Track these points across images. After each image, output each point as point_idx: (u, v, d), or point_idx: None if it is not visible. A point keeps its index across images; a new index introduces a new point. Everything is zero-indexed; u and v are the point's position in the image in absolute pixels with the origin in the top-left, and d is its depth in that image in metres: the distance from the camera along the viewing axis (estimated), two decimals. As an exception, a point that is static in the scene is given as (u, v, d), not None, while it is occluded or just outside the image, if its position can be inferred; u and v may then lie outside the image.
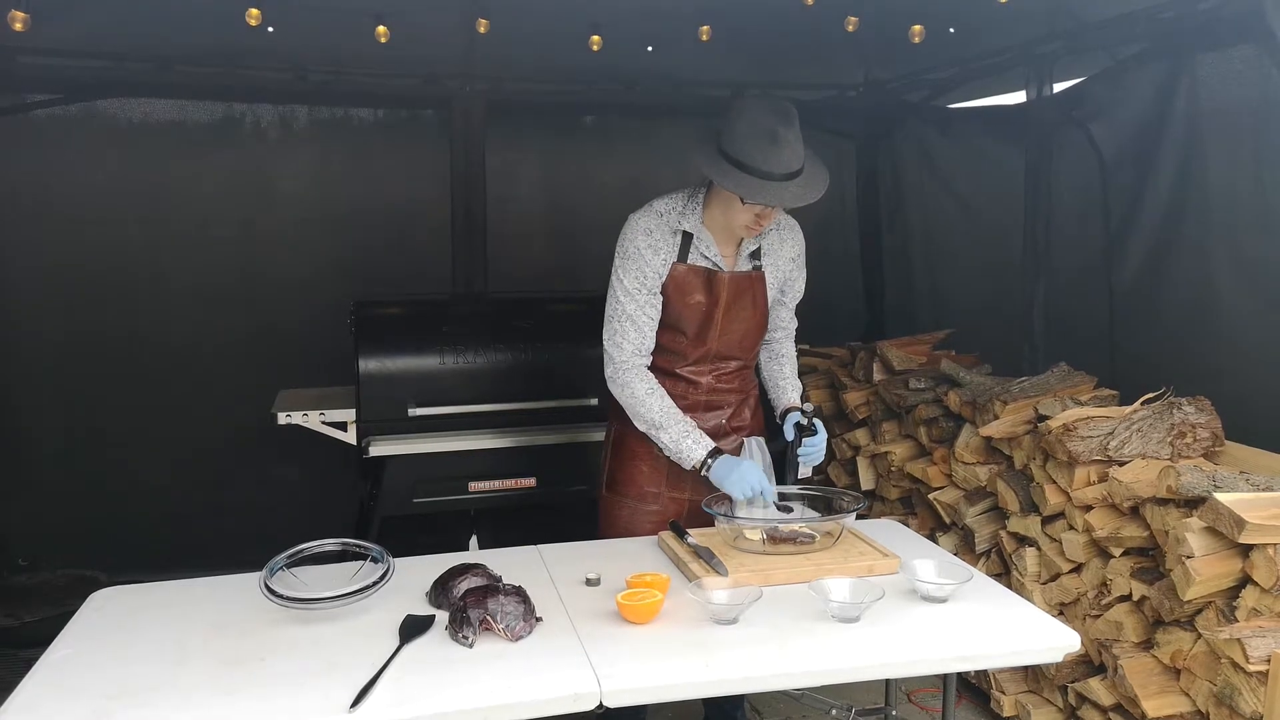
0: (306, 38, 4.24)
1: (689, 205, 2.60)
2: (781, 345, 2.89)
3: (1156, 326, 3.68)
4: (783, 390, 2.83)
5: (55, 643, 2.01)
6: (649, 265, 2.57)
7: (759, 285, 2.67)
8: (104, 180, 4.60)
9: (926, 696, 3.59)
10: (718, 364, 2.71)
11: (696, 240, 2.59)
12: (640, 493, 2.71)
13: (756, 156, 2.37)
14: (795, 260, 2.75)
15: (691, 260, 2.60)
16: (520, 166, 5.08)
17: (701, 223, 2.59)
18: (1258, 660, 2.42)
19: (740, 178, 2.38)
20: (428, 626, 2.03)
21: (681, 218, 2.59)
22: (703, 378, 2.69)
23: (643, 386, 2.58)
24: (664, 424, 2.56)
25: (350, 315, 3.80)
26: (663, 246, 2.58)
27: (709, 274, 2.61)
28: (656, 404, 2.57)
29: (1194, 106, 3.44)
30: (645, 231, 2.58)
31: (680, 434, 2.55)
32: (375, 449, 3.65)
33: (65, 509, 4.67)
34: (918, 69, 4.91)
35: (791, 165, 2.40)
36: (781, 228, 2.71)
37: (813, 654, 1.94)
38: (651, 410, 2.56)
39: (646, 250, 2.56)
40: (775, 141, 2.37)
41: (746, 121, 2.40)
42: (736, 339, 2.69)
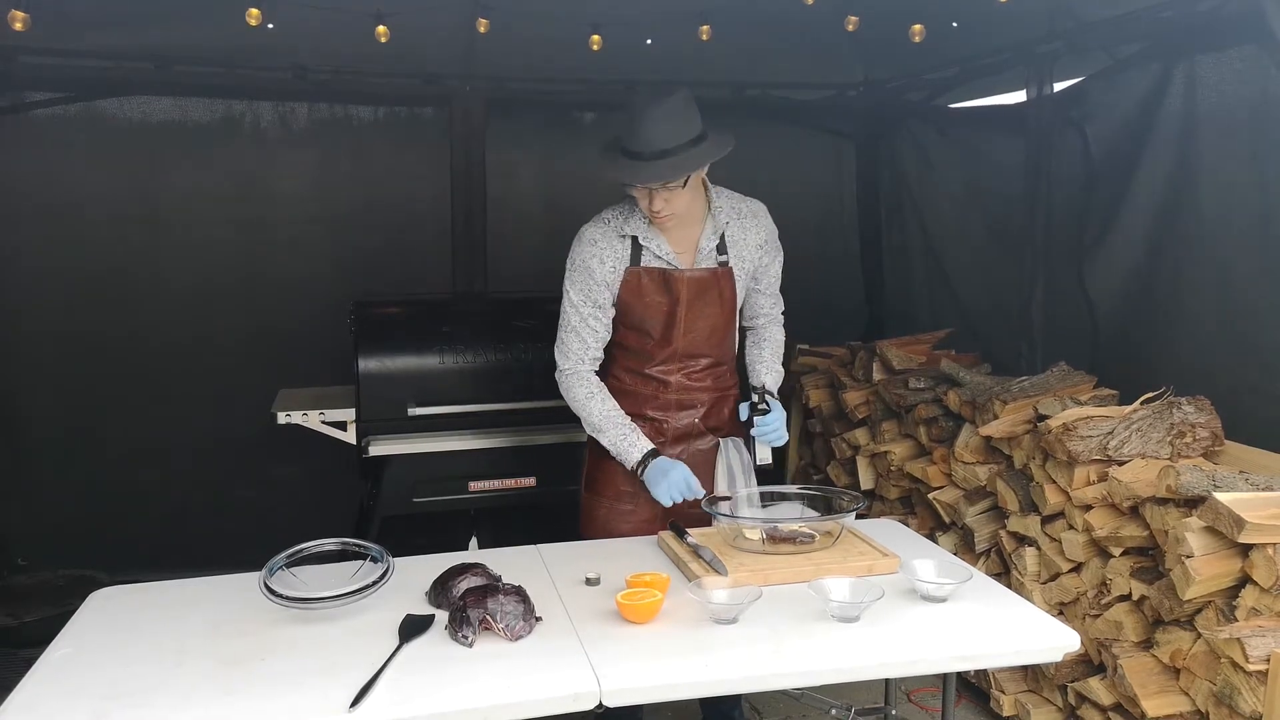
0: (306, 38, 4.24)
1: (633, 208, 2.60)
2: (765, 330, 2.86)
3: (1156, 326, 3.67)
4: (755, 374, 2.80)
5: (55, 642, 2.01)
6: (594, 276, 2.58)
7: (725, 281, 2.65)
8: (104, 180, 4.60)
9: (926, 696, 3.59)
10: (686, 362, 2.70)
11: (645, 241, 2.58)
12: (617, 493, 2.72)
13: (626, 137, 2.43)
14: (763, 246, 2.71)
15: (645, 262, 2.59)
16: (520, 166, 5.08)
17: (648, 223, 2.59)
18: (1257, 660, 2.42)
19: (608, 160, 2.45)
20: (427, 626, 2.03)
21: (626, 222, 2.60)
22: (672, 377, 2.69)
23: (582, 391, 2.63)
24: (603, 428, 2.60)
25: (350, 315, 3.80)
26: (610, 255, 2.59)
27: (665, 274, 2.60)
28: (596, 408, 2.61)
29: (1194, 106, 3.44)
30: (591, 242, 2.60)
31: (618, 436, 2.59)
32: (375, 449, 3.65)
33: (65, 509, 4.67)
34: (918, 69, 4.91)
35: (654, 144, 2.41)
36: (743, 216, 2.69)
37: (812, 654, 1.94)
38: (591, 414, 2.61)
39: (593, 261, 2.58)
40: (637, 120, 2.41)
41: (627, 107, 2.46)
42: (704, 336, 2.68)
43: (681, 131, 2.43)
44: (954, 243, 4.93)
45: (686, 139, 2.43)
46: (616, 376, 2.73)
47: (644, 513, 2.68)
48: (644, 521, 2.67)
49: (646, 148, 2.41)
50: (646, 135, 2.40)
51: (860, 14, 3.87)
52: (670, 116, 2.42)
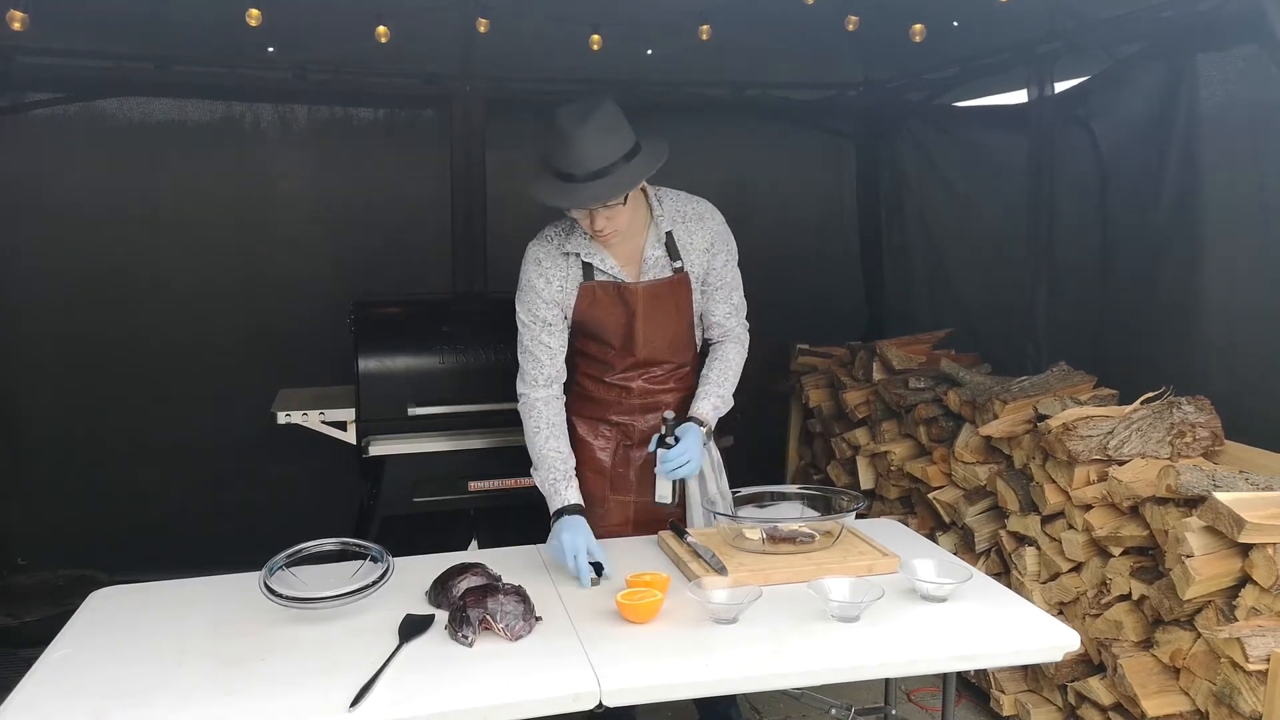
0: (306, 38, 4.24)
1: (575, 227, 2.55)
2: (719, 348, 2.72)
3: (1156, 326, 3.67)
4: (697, 397, 2.64)
5: (55, 642, 2.01)
6: (540, 296, 2.56)
7: (681, 289, 2.60)
8: (104, 180, 4.59)
9: (926, 696, 3.59)
10: (648, 369, 2.68)
11: (589, 258, 2.54)
12: (586, 497, 2.69)
13: (557, 158, 2.33)
14: (709, 249, 2.61)
15: (597, 277, 2.56)
16: (520, 166, 5.06)
17: (589, 239, 2.54)
18: (1257, 659, 2.42)
19: (541, 181, 2.36)
20: (427, 626, 2.03)
21: (567, 239, 2.56)
22: (634, 383, 2.68)
23: (531, 424, 2.60)
24: (538, 465, 2.57)
25: (350, 315, 3.80)
26: (556, 274, 2.56)
27: (619, 288, 2.56)
28: (539, 444, 2.57)
29: (1194, 106, 3.44)
30: (535, 261, 2.57)
31: (545, 480, 2.54)
32: (375, 448, 3.65)
33: (65, 509, 4.67)
34: (918, 69, 4.91)
35: (588, 164, 2.31)
36: (687, 219, 2.60)
37: (812, 653, 1.94)
38: (533, 449, 2.59)
39: (538, 280, 2.56)
40: (565, 142, 2.31)
41: (552, 126, 2.36)
42: (664, 345, 2.65)
43: (614, 147, 2.34)
44: (954, 242, 4.93)
45: (620, 154, 2.34)
46: (580, 383, 2.72)
47: (613, 517, 2.69)
48: (614, 525, 2.67)
49: (579, 168, 2.31)
50: (578, 155, 2.31)
51: (860, 14, 3.87)
52: (600, 132, 2.32)
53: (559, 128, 2.33)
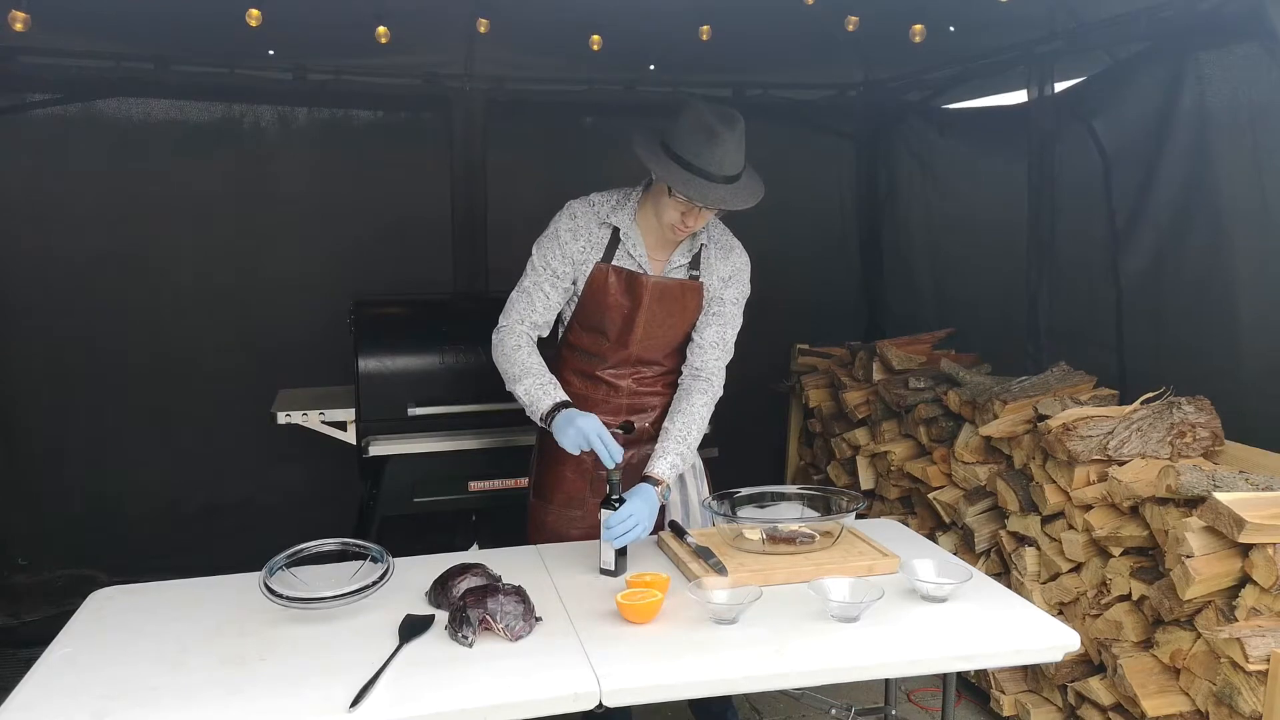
0: (306, 38, 4.24)
1: (623, 200, 2.59)
2: (687, 397, 2.61)
3: (1156, 326, 3.67)
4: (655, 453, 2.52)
5: (54, 642, 2.01)
6: (564, 248, 2.56)
7: (692, 294, 2.61)
8: (104, 180, 4.59)
9: (926, 696, 3.59)
10: (638, 368, 2.67)
11: (624, 237, 2.56)
12: (566, 499, 2.70)
13: (691, 151, 2.36)
14: (726, 281, 2.64)
15: (617, 260, 2.57)
16: (520, 166, 5.07)
17: (634, 220, 2.57)
18: (1257, 660, 2.42)
19: (670, 166, 2.38)
20: (427, 626, 2.03)
21: (614, 211, 2.57)
22: (623, 381, 2.67)
23: (511, 342, 2.57)
24: (520, 377, 2.53)
25: (350, 315, 3.80)
26: (584, 234, 2.57)
27: (631, 276, 2.57)
28: (521, 358, 2.55)
29: (1195, 105, 3.44)
30: (571, 215, 2.59)
31: (534, 384, 2.51)
32: (375, 449, 3.65)
33: (65, 509, 4.68)
34: (918, 69, 4.91)
35: (726, 169, 2.38)
36: (721, 246, 2.64)
37: (812, 654, 1.94)
38: (514, 364, 2.55)
39: (565, 233, 2.57)
40: (713, 139, 2.35)
41: (690, 118, 2.39)
42: (660, 345, 2.65)
43: (740, 159, 2.42)
44: (954, 242, 4.93)
45: (741, 168, 2.43)
46: (567, 380, 2.70)
47: (592, 518, 2.63)
48: (592, 527, 2.61)
49: (719, 169, 2.37)
50: (721, 157, 2.37)
51: (860, 14, 3.86)
52: (740, 142, 2.41)
53: (707, 124, 2.36)
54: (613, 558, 2.30)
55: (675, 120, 2.41)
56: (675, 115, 2.43)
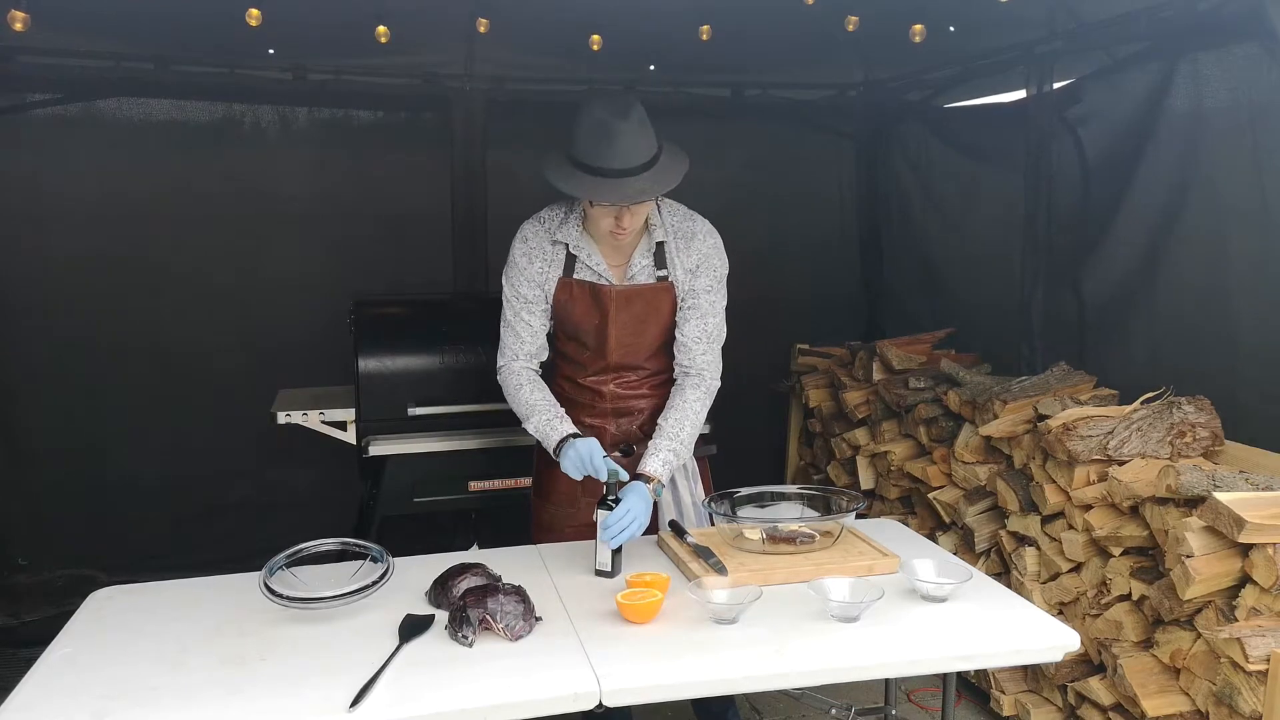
0: (306, 38, 4.24)
1: (569, 215, 2.54)
2: (680, 392, 2.57)
3: (1156, 326, 3.67)
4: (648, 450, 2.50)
5: (54, 642, 2.01)
6: (523, 273, 2.54)
7: (662, 296, 2.55)
8: (104, 180, 4.59)
9: (926, 696, 3.59)
10: (620, 373, 2.66)
11: (577, 251, 2.52)
12: (560, 498, 2.70)
13: (592, 153, 2.29)
14: (693, 271, 2.54)
15: (578, 274, 2.54)
16: (520, 166, 5.07)
17: (582, 232, 2.52)
18: (1257, 660, 2.42)
19: (576, 177, 2.31)
20: (427, 626, 2.03)
21: (561, 227, 2.53)
22: (605, 387, 2.66)
23: (513, 383, 2.58)
24: (529, 415, 2.54)
25: (350, 315, 3.80)
26: (539, 255, 2.54)
27: (594, 288, 2.53)
28: (524, 396, 2.55)
29: (1194, 105, 3.44)
30: (523, 239, 2.57)
31: (542, 421, 2.51)
32: (375, 448, 3.64)
33: (65, 509, 4.67)
34: (918, 68, 4.91)
35: (630, 160, 2.30)
36: (680, 235, 2.54)
37: (812, 653, 1.94)
38: (520, 403, 2.55)
39: (521, 258, 2.55)
40: (609, 135, 2.28)
41: (584, 120, 2.32)
42: (638, 349, 2.62)
43: (650, 144, 2.34)
44: (954, 242, 4.93)
45: (651, 154, 2.33)
46: (558, 384, 2.72)
47: (584, 517, 2.64)
48: (586, 525, 2.60)
49: (621, 163, 2.28)
50: (622, 150, 2.28)
51: (860, 14, 3.86)
52: (642, 127, 2.32)
53: (598, 120, 2.29)
54: (609, 558, 2.27)
55: (573, 127, 2.35)
56: (574, 118, 2.36)
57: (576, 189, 2.32)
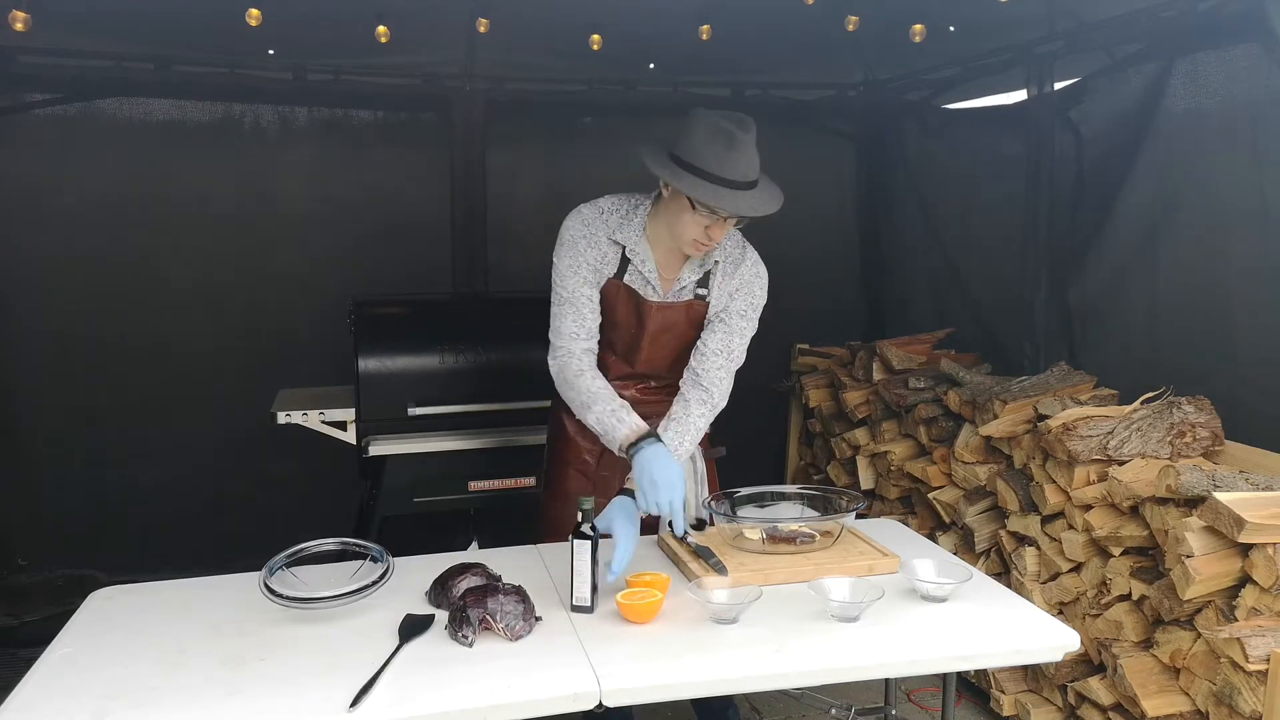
0: (306, 38, 4.24)
1: (631, 215, 2.49)
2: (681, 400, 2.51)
3: (1156, 326, 3.67)
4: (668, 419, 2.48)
5: (54, 642, 2.01)
6: (583, 255, 2.48)
7: (696, 311, 2.54)
8: (104, 180, 4.59)
9: (926, 696, 3.59)
10: (645, 381, 2.65)
11: (632, 254, 2.49)
12: (568, 496, 2.68)
13: (712, 161, 2.27)
14: (733, 294, 2.54)
15: (628, 279, 2.50)
16: (520, 166, 5.07)
17: (643, 235, 2.49)
18: (1257, 659, 2.42)
19: (693, 180, 2.28)
20: (427, 626, 2.03)
21: (621, 227, 2.48)
22: (627, 392, 2.62)
23: (574, 367, 2.48)
24: (590, 404, 2.42)
25: (350, 314, 3.80)
26: (597, 245, 2.49)
27: (638, 300, 2.51)
28: (587, 384, 2.45)
29: (1194, 105, 3.44)
30: (584, 223, 2.49)
31: (606, 412, 2.40)
32: (375, 448, 3.65)
33: (65, 509, 4.67)
34: (918, 68, 4.91)
35: (748, 174, 2.31)
36: (729, 259, 2.54)
37: (812, 653, 1.94)
38: (581, 391, 2.44)
39: (582, 241, 2.48)
40: (732, 146, 2.28)
41: (703, 127, 2.30)
42: (664, 363, 2.62)
43: (757, 162, 2.34)
44: (954, 242, 4.93)
45: (759, 170, 2.35)
46: None
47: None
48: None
49: (741, 176, 2.29)
50: (744, 163, 2.29)
51: (860, 14, 3.86)
52: (754, 145, 2.33)
53: (722, 130, 2.28)
54: (588, 593, 2.10)
55: (685, 131, 2.32)
56: (683, 126, 2.33)
57: (696, 191, 2.28)
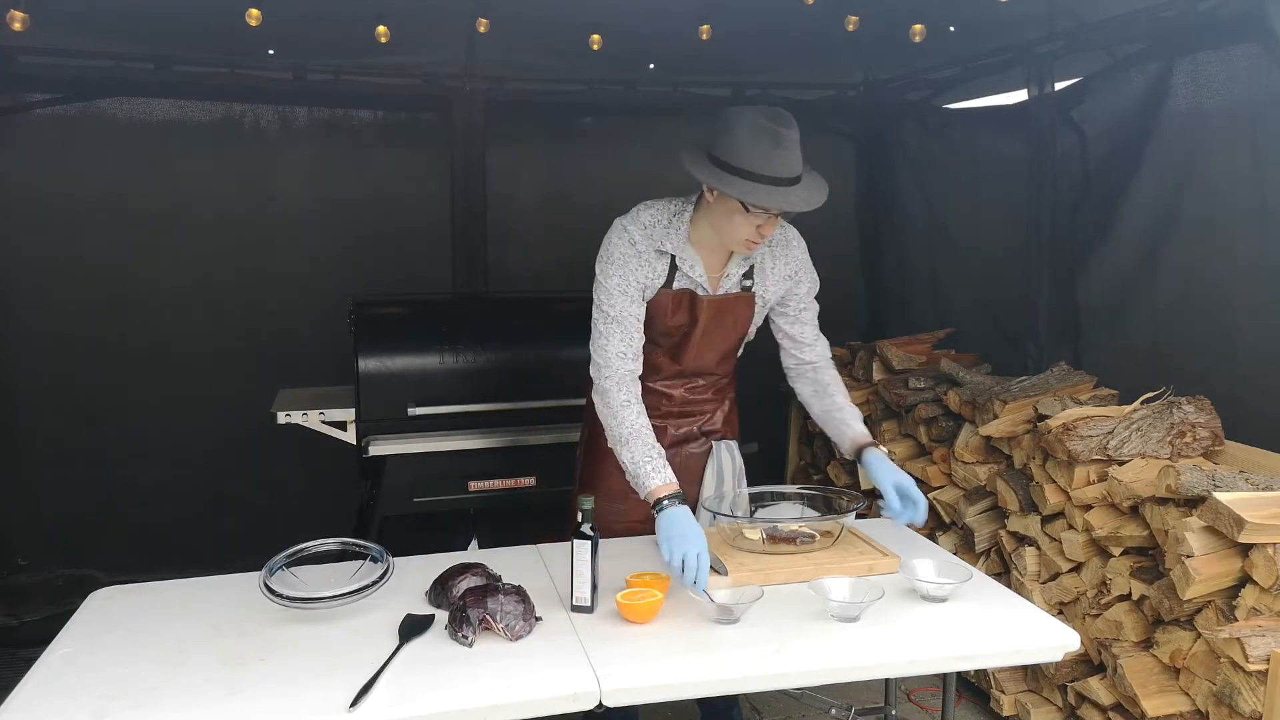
0: (306, 38, 4.24)
1: (674, 223, 2.50)
2: (822, 374, 2.73)
3: (1156, 326, 3.67)
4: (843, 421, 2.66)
5: (54, 642, 2.01)
6: (633, 273, 2.48)
7: (743, 307, 2.59)
8: (104, 180, 4.59)
9: (926, 696, 3.59)
10: (692, 379, 2.67)
11: (680, 261, 2.50)
12: (608, 493, 2.67)
13: (759, 161, 2.27)
14: (791, 277, 2.65)
15: (677, 284, 2.52)
16: (520, 166, 5.07)
17: (687, 242, 2.50)
18: (1257, 659, 2.42)
19: (744, 184, 2.28)
20: (427, 626, 2.03)
21: (666, 236, 2.49)
22: (675, 391, 2.66)
23: (620, 397, 2.44)
24: (629, 441, 2.39)
25: (350, 314, 3.80)
26: (646, 262, 2.49)
27: (692, 297, 2.54)
28: (629, 419, 2.41)
29: (1194, 105, 3.44)
30: (630, 242, 2.49)
31: (641, 457, 2.36)
32: (375, 448, 3.65)
33: (65, 509, 4.67)
34: (918, 69, 4.91)
35: (795, 169, 2.31)
36: (773, 244, 2.60)
37: (812, 653, 1.94)
38: (622, 424, 2.42)
39: (633, 260, 2.48)
40: (778, 144, 2.27)
41: (745, 126, 2.29)
42: (712, 359, 2.65)
43: (801, 156, 2.34)
44: (954, 242, 4.93)
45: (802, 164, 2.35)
46: None
47: (635, 514, 2.65)
48: (636, 522, 2.64)
49: (788, 172, 2.29)
50: (789, 159, 2.29)
51: (860, 14, 3.86)
52: (797, 140, 2.32)
53: (765, 129, 2.27)
54: (588, 593, 2.09)
55: (726, 131, 2.31)
56: (721, 126, 2.32)
57: (755, 196, 2.29)
